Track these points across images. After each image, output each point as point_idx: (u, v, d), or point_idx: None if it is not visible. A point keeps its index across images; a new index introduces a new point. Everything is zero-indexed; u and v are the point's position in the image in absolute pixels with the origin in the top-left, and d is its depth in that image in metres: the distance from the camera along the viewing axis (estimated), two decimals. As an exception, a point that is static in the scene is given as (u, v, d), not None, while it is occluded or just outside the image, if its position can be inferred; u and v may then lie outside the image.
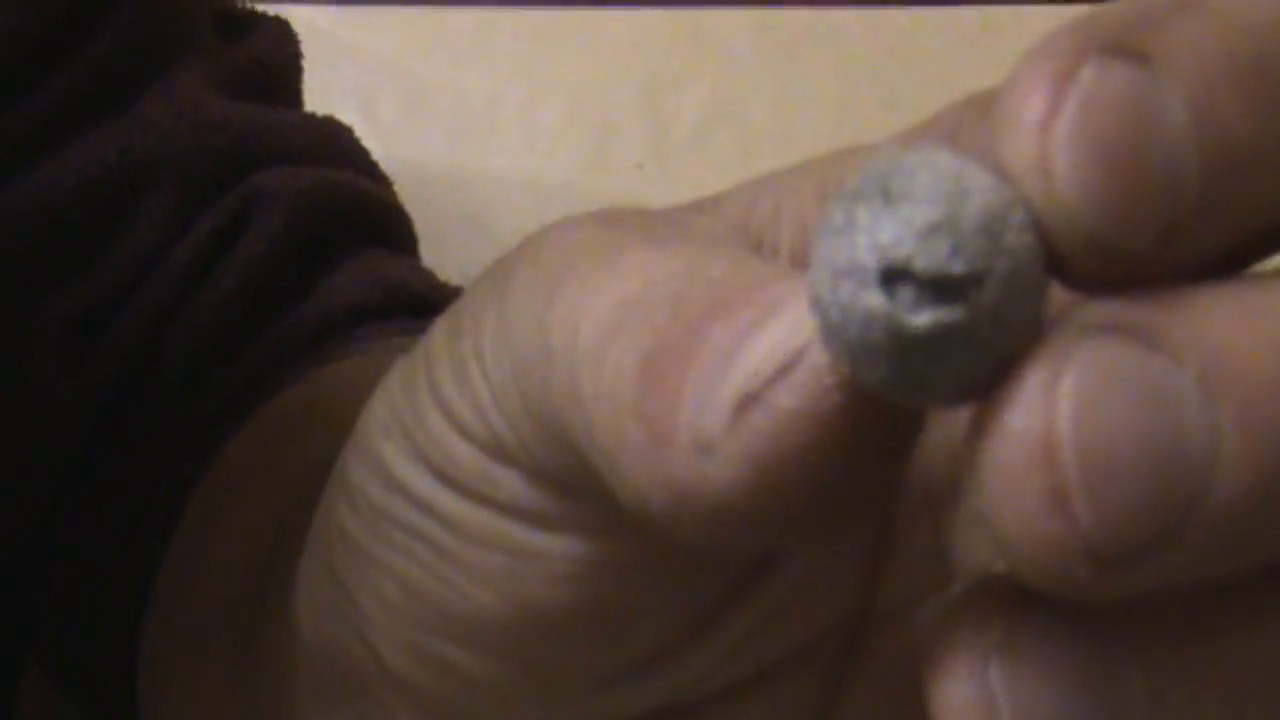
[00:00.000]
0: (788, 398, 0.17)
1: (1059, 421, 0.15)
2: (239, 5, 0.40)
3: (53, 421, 0.33)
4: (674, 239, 0.20)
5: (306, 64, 0.42)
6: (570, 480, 0.21)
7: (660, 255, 0.19)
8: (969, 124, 0.20)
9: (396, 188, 0.41)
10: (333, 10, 0.60)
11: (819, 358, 0.17)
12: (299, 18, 0.42)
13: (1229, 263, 0.16)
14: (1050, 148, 0.16)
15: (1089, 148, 0.15)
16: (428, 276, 0.38)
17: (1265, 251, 0.17)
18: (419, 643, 0.23)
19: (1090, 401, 0.15)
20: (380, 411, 0.23)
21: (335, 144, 0.39)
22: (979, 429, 0.16)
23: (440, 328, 0.22)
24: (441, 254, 0.41)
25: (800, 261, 0.21)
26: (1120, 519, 0.15)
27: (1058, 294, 0.17)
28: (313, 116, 0.39)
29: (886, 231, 0.16)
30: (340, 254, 0.36)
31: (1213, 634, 0.17)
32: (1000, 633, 0.17)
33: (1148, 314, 0.16)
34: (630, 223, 0.21)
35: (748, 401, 0.17)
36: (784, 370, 0.17)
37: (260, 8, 0.41)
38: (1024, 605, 0.17)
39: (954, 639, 0.17)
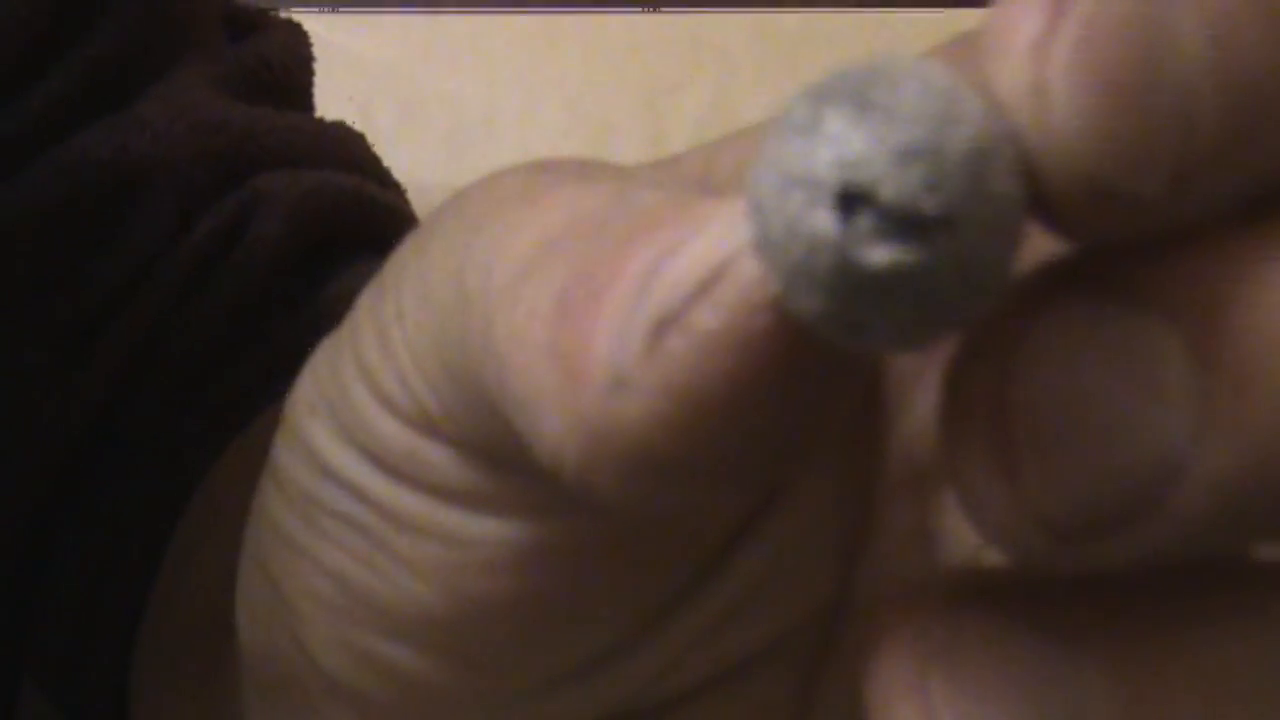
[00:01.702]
0: (709, 317, 0.15)
1: (1015, 374, 0.14)
2: (249, 7, 0.39)
3: (46, 429, 0.32)
4: (609, 177, 0.18)
5: (304, 71, 0.42)
6: (497, 451, 0.19)
7: (590, 190, 0.17)
8: (959, 61, 0.18)
9: (394, 194, 0.41)
10: (330, 17, 0.59)
11: (747, 271, 0.15)
12: (296, 25, 0.42)
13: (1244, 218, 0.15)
14: (1047, 73, 0.14)
15: (1091, 74, 0.14)
16: None
17: None
18: (354, 641, 0.21)
19: (1055, 357, 0.14)
20: (307, 389, 0.21)
21: (342, 148, 0.37)
22: (943, 377, 0.15)
23: (366, 294, 0.21)
24: (440, 261, 0.41)
25: None
26: (1079, 491, 0.14)
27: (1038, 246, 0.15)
28: (320, 120, 0.38)
29: (855, 144, 0.13)
30: (343, 261, 0.35)
31: (1191, 626, 0.15)
32: (941, 635, 0.15)
33: (1136, 264, 0.14)
34: (565, 166, 0.19)
35: (665, 325, 0.15)
36: (706, 287, 0.15)
37: (259, 13, 0.41)
38: (969, 603, 0.15)
39: (891, 645, 0.15)
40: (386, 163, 0.40)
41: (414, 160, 0.57)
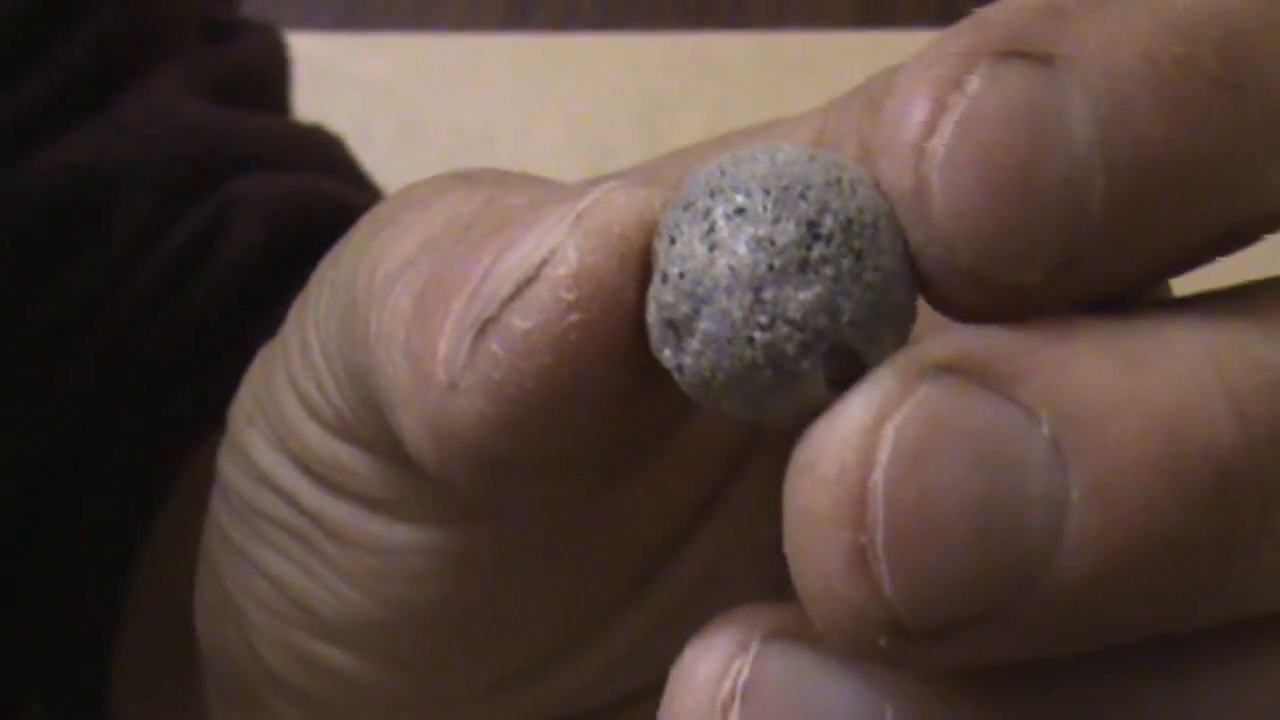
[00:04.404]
0: (521, 319, 0.15)
1: (873, 471, 0.13)
2: (229, 14, 0.39)
3: (23, 432, 0.32)
4: (499, 181, 0.18)
5: (303, 92, 0.42)
6: (399, 453, 0.19)
7: (473, 194, 0.17)
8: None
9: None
10: (329, 37, 0.60)
11: (557, 271, 0.15)
12: (295, 46, 0.42)
13: (1139, 289, 0.14)
14: (926, 170, 0.14)
15: (972, 169, 0.13)
16: None
17: (1178, 271, 0.15)
18: (295, 643, 0.21)
19: (914, 452, 0.13)
20: (245, 399, 0.22)
21: (321, 151, 0.37)
22: (792, 457, 0.14)
23: (295, 303, 0.21)
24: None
25: None
26: (933, 590, 0.13)
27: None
28: (298, 123, 0.38)
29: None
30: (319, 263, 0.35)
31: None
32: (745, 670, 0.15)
33: (1003, 354, 0.14)
34: (476, 175, 0.19)
35: (486, 327, 0.15)
36: (520, 288, 0.15)
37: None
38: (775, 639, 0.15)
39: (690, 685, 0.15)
40: (385, 183, 0.40)
41: (413, 180, 0.57)
